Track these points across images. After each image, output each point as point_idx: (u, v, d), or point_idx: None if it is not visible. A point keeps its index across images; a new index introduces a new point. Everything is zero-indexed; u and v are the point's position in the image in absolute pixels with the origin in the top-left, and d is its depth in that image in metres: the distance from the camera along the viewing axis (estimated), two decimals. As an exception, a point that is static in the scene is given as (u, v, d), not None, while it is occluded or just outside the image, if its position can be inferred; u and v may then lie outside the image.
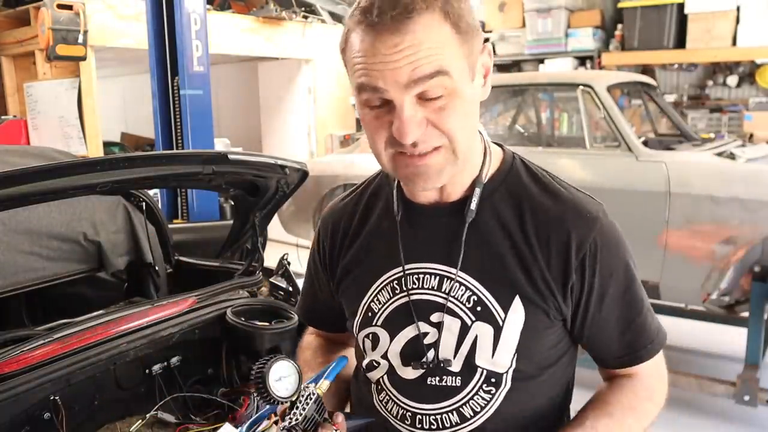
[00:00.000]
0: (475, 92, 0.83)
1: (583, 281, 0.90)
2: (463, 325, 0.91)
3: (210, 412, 1.82)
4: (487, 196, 0.92)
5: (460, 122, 0.80)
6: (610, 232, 0.92)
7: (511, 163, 0.96)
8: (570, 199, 0.92)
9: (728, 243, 3.04)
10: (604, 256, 0.90)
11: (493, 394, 0.92)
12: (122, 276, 2.32)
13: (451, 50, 0.77)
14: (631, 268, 0.94)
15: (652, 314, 0.97)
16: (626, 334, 0.94)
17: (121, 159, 1.60)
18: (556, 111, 5.37)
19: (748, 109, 5.77)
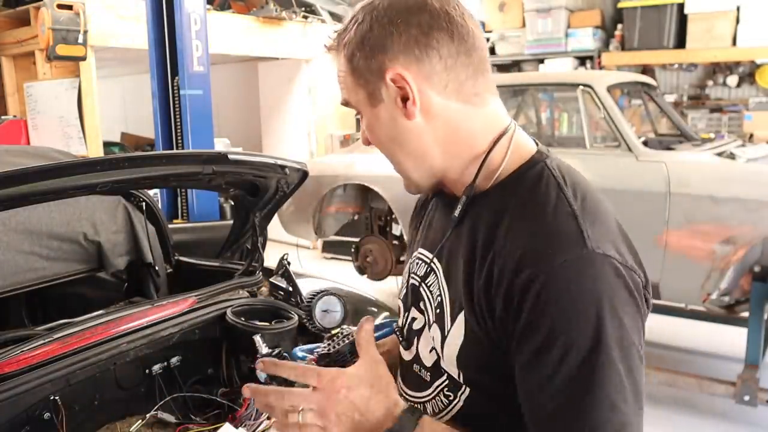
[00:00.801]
0: (384, 118, 0.89)
1: (506, 323, 0.78)
2: (428, 321, 0.94)
3: (210, 412, 1.82)
4: (481, 200, 0.88)
5: (375, 141, 0.93)
6: (563, 285, 0.74)
7: (526, 171, 0.86)
8: (545, 228, 0.79)
9: (728, 243, 3.04)
10: (536, 309, 0.74)
11: (451, 400, 0.90)
12: (122, 276, 2.32)
13: (348, 82, 0.90)
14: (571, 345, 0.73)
15: (594, 426, 0.72)
16: (538, 420, 0.77)
17: (121, 159, 1.60)
18: (556, 111, 5.39)
19: (748, 109, 5.78)
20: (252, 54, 6.65)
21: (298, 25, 6.84)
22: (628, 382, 0.74)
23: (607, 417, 0.73)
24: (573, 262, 0.75)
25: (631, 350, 0.75)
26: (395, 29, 0.84)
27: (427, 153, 0.89)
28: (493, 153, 0.87)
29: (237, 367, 1.94)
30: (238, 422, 1.70)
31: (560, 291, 0.74)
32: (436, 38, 0.83)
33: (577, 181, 0.85)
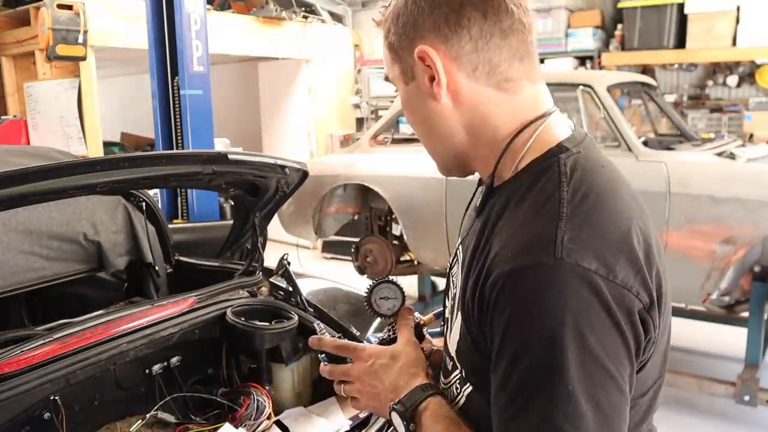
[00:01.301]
0: (415, 94, 0.87)
1: (482, 318, 0.76)
2: (450, 310, 0.93)
3: (210, 412, 1.82)
4: (500, 192, 0.84)
5: (410, 121, 0.93)
6: (521, 291, 0.69)
7: (539, 164, 0.81)
8: (525, 228, 0.74)
9: (728, 243, 3.04)
10: (497, 312, 0.71)
11: (459, 391, 0.88)
12: (122, 276, 2.32)
13: (387, 58, 0.91)
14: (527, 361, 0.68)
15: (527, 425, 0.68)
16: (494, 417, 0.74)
17: (121, 159, 1.60)
18: (556, 111, 5.37)
19: (748, 109, 5.78)
20: (252, 54, 6.65)
21: (298, 25, 6.84)
22: (590, 411, 0.65)
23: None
24: (537, 268, 0.69)
25: (599, 375, 0.67)
26: (426, 5, 0.81)
27: (454, 136, 0.86)
28: (516, 141, 0.82)
29: (237, 367, 1.94)
30: (238, 422, 1.70)
31: (519, 297, 0.69)
32: (468, 17, 0.79)
33: (586, 180, 0.77)
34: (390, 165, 4.13)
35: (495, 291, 0.71)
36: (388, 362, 0.94)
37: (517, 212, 0.77)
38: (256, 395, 1.77)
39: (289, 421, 1.75)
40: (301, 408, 1.84)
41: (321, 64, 7.25)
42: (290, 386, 1.90)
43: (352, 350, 0.98)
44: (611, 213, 0.75)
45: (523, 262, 0.70)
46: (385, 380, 0.92)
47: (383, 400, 0.92)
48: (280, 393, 1.89)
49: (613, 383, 0.68)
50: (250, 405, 1.74)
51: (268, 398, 1.76)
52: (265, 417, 1.71)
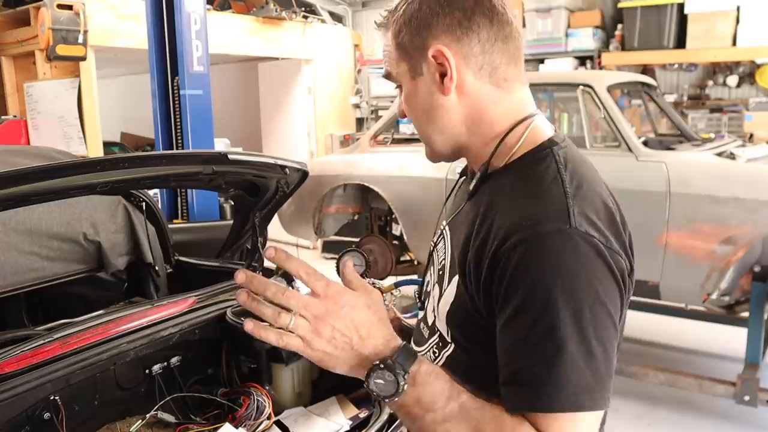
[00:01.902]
0: (421, 90, 0.96)
1: (490, 287, 0.84)
2: (432, 282, 1.05)
3: (210, 412, 1.82)
4: (493, 178, 0.96)
5: (410, 113, 1.00)
6: (545, 253, 0.79)
7: (533, 153, 0.93)
8: (534, 202, 0.85)
9: (728, 243, 3.04)
10: (518, 272, 0.80)
11: (436, 355, 0.98)
12: (122, 276, 2.32)
13: (392, 56, 0.98)
14: (552, 306, 0.77)
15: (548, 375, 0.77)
16: (505, 369, 0.82)
17: (121, 159, 1.60)
18: (556, 111, 5.39)
19: (748, 109, 5.78)
20: (252, 54, 6.65)
21: (298, 25, 6.84)
22: (597, 350, 0.78)
23: (573, 379, 0.77)
24: (556, 233, 0.80)
25: (605, 322, 0.80)
26: (441, 10, 0.91)
27: (454, 127, 0.97)
28: (510, 136, 0.95)
29: (237, 367, 1.94)
30: (238, 422, 1.70)
31: (542, 257, 0.80)
32: (478, 23, 0.91)
33: (577, 171, 0.91)
34: (390, 165, 4.13)
35: (516, 252, 0.80)
36: (365, 312, 0.82)
37: (522, 191, 0.89)
38: (256, 395, 1.77)
39: (289, 421, 1.75)
40: (301, 408, 1.84)
41: (321, 64, 7.25)
42: (290, 386, 1.90)
43: (322, 283, 0.82)
44: (599, 197, 0.89)
45: (545, 228, 0.81)
46: (365, 336, 0.81)
47: (351, 351, 0.81)
48: (280, 393, 1.89)
49: (613, 330, 0.82)
50: (250, 405, 1.74)
51: (268, 398, 1.76)
52: (265, 417, 1.71)
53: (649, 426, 3.11)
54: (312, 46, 7.07)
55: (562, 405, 0.77)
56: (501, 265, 0.82)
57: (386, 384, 0.80)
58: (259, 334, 0.79)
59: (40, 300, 2.29)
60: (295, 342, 0.79)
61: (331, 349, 0.81)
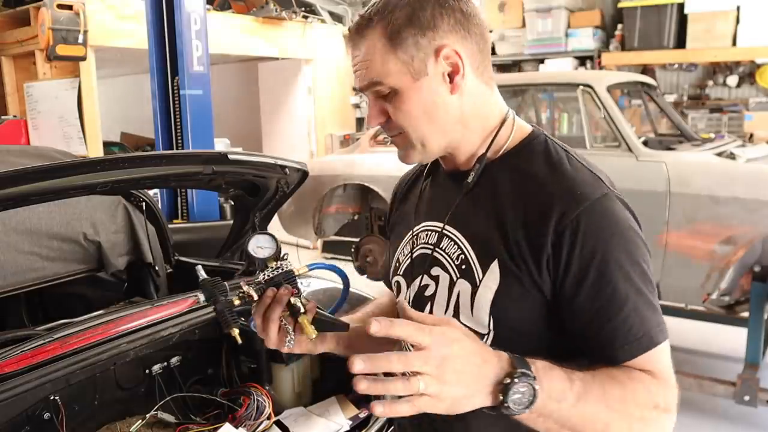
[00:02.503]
0: (425, 91, 0.96)
1: (559, 258, 0.88)
2: (451, 280, 1.00)
3: (210, 412, 1.82)
4: (494, 167, 0.99)
5: (405, 116, 0.97)
6: (603, 216, 0.89)
7: (531, 140, 1.00)
8: (568, 175, 0.93)
9: (728, 243, 3.04)
10: (588, 238, 0.87)
11: None
12: (122, 276, 2.32)
13: (383, 60, 0.95)
14: (621, 262, 0.88)
15: (640, 316, 0.88)
16: (602, 330, 0.88)
17: (121, 159, 1.60)
18: (556, 111, 5.39)
19: (748, 109, 5.78)
20: (252, 54, 6.65)
21: (298, 25, 6.84)
22: (654, 291, 0.91)
23: (655, 318, 0.89)
24: (603, 199, 0.90)
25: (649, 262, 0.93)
26: (444, 10, 0.94)
27: (454, 126, 0.99)
28: (503, 130, 1.01)
29: (237, 367, 1.95)
30: (238, 422, 1.70)
31: (604, 224, 0.88)
32: (474, 23, 0.96)
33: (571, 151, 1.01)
34: (390, 165, 4.13)
35: (580, 221, 0.87)
36: (468, 340, 0.79)
37: (548, 170, 0.94)
38: (256, 395, 1.77)
39: (289, 421, 1.75)
40: (301, 408, 1.84)
41: (321, 64, 7.25)
42: (290, 386, 1.90)
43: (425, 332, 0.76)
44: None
45: (595, 195, 0.90)
46: (476, 358, 0.78)
47: (479, 383, 0.77)
48: (280, 393, 1.89)
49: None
50: (250, 405, 1.74)
51: (268, 398, 1.76)
52: (265, 417, 1.71)
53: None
54: (312, 46, 7.07)
55: (658, 339, 0.89)
56: (568, 236, 0.87)
57: (523, 395, 0.78)
58: (396, 411, 0.75)
59: (40, 300, 2.29)
60: (425, 402, 0.75)
61: (462, 390, 0.76)
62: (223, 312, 1.09)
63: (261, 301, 1.02)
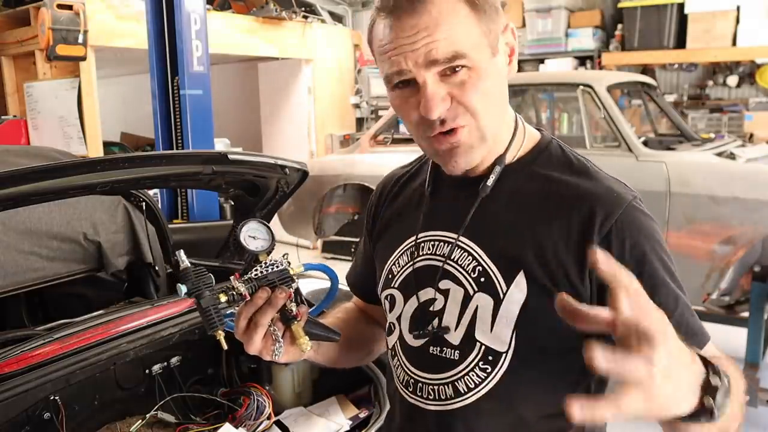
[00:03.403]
0: (498, 70, 0.87)
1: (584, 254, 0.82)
2: (466, 294, 0.92)
3: (210, 412, 1.82)
4: (511, 173, 0.93)
5: (482, 98, 0.85)
6: (641, 218, 0.86)
7: (546, 146, 0.95)
8: (601, 180, 0.90)
9: (728, 243, 3.04)
10: (634, 238, 0.84)
11: (488, 372, 0.90)
12: (122, 276, 2.32)
13: (468, 30, 0.82)
14: (665, 260, 0.86)
15: (690, 312, 0.87)
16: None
17: (121, 159, 1.60)
18: (556, 111, 5.39)
19: (748, 109, 5.77)
20: (252, 54, 6.65)
21: (298, 25, 6.84)
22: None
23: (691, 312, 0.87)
24: (636, 201, 0.87)
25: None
26: None
27: (507, 116, 0.93)
28: (519, 126, 0.95)
29: (237, 367, 1.95)
30: (238, 422, 1.70)
31: (644, 225, 0.86)
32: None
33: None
34: (390, 165, 4.12)
35: (616, 227, 0.84)
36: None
37: (570, 179, 0.90)
38: (256, 395, 1.77)
39: (289, 421, 1.75)
40: (301, 408, 1.84)
41: (321, 64, 7.25)
42: (290, 386, 1.90)
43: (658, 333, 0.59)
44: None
45: (629, 198, 0.87)
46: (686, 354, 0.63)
47: (692, 377, 0.63)
48: (280, 393, 1.89)
49: None
50: (250, 405, 1.74)
51: (268, 398, 1.76)
52: (265, 417, 1.71)
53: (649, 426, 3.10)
54: (312, 46, 7.07)
55: (708, 335, 0.90)
56: (615, 238, 0.84)
57: (725, 396, 0.64)
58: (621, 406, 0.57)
59: (40, 300, 2.29)
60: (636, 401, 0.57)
61: (676, 391, 0.60)
62: (208, 310, 0.89)
63: (252, 302, 0.89)
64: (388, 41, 0.83)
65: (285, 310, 0.90)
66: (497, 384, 0.89)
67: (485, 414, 0.91)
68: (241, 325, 0.91)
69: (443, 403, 0.93)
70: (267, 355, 0.93)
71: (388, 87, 0.90)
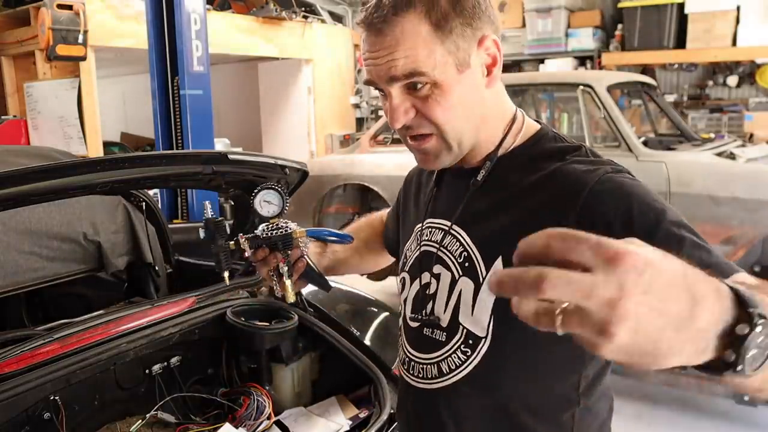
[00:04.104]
0: (470, 84, 0.90)
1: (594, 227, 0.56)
2: (452, 278, 0.96)
3: (210, 412, 1.82)
4: (505, 162, 0.96)
5: (446, 112, 0.89)
6: (617, 181, 0.85)
7: (540, 137, 0.98)
8: (585, 162, 0.90)
9: (728, 243, 3.04)
10: (614, 201, 0.82)
11: (468, 356, 0.94)
12: (122, 276, 2.32)
13: (428, 49, 0.85)
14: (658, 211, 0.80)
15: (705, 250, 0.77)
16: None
17: (121, 159, 1.60)
18: (556, 111, 5.39)
19: (748, 109, 5.77)
20: (252, 54, 6.65)
21: (298, 25, 6.84)
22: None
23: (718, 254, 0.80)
24: (613, 171, 0.86)
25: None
26: (482, 0, 0.89)
27: (483, 120, 0.95)
28: (512, 127, 0.98)
29: (237, 367, 1.95)
30: (238, 422, 1.70)
31: (619, 187, 0.84)
32: (496, 13, 0.92)
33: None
34: (390, 165, 4.13)
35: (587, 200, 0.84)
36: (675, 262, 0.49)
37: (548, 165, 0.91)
38: (256, 395, 1.77)
39: (289, 421, 1.75)
40: (301, 408, 1.84)
41: (321, 64, 7.25)
42: (290, 386, 1.90)
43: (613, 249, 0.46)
44: None
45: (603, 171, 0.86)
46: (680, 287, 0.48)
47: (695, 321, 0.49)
48: (280, 393, 1.89)
49: None
50: (250, 405, 1.74)
51: (268, 398, 1.76)
52: (265, 417, 1.71)
53: (649, 426, 3.11)
54: (312, 46, 7.07)
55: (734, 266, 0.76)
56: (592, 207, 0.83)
57: (762, 346, 0.51)
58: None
59: (40, 300, 2.29)
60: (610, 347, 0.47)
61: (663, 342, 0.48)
62: (218, 254, 1.16)
63: (253, 256, 1.09)
64: (364, 53, 0.90)
65: (278, 268, 1.07)
66: (475, 368, 0.93)
67: (465, 396, 0.95)
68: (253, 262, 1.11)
69: (428, 381, 0.99)
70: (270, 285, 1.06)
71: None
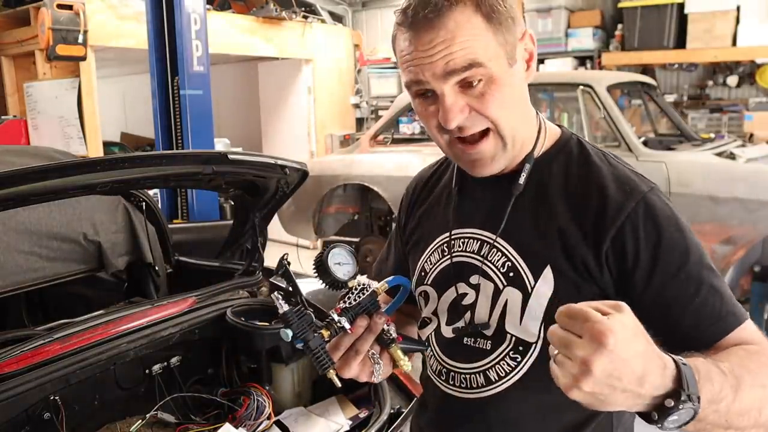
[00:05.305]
0: (517, 78, 0.90)
1: (624, 253, 0.85)
2: (496, 288, 0.95)
3: (210, 412, 1.82)
4: (537, 170, 0.95)
5: (501, 107, 0.88)
6: (656, 208, 0.87)
7: (566, 141, 0.98)
8: (617, 173, 0.91)
9: (728, 243, 3.04)
10: (650, 228, 0.85)
11: (518, 361, 0.94)
12: (122, 276, 2.32)
13: (484, 41, 0.84)
14: (687, 246, 0.85)
15: (719, 294, 0.85)
16: (684, 316, 0.84)
17: (121, 159, 1.60)
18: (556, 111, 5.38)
19: (748, 109, 5.77)
20: (252, 54, 6.64)
21: (298, 25, 6.84)
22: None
23: (734, 299, 0.87)
24: (653, 191, 0.88)
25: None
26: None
27: (527, 118, 0.95)
28: (541, 126, 0.98)
29: (237, 367, 1.95)
30: (238, 422, 1.70)
31: (661, 214, 0.87)
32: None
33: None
34: (390, 165, 4.13)
35: (630, 219, 0.86)
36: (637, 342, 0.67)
37: (589, 172, 0.92)
38: (256, 395, 1.77)
39: (289, 421, 1.75)
40: (301, 408, 1.84)
41: (321, 64, 7.25)
42: (290, 386, 1.90)
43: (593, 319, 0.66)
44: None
45: (644, 188, 0.88)
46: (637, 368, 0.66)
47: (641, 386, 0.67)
48: (280, 393, 1.89)
49: None
50: (250, 405, 1.74)
51: (268, 398, 1.76)
52: (265, 417, 1.71)
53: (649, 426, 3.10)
54: (312, 46, 7.07)
55: (744, 316, 0.86)
56: (629, 229, 0.85)
57: (681, 417, 0.69)
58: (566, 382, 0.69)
59: (40, 300, 2.29)
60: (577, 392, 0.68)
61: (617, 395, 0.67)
62: (317, 351, 0.90)
63: (353, 332, 0.90)
64: (408, 53, 0.86)
65: (383, 333, 0.91)
66: (527, 372, 0.93)
67: (516, 401, 0.95)
68: (339, 355, 0.91)
69: (475, 391, 0.98)
70: (364, 377, 0.94)
71: (411, 94, 0.92)
